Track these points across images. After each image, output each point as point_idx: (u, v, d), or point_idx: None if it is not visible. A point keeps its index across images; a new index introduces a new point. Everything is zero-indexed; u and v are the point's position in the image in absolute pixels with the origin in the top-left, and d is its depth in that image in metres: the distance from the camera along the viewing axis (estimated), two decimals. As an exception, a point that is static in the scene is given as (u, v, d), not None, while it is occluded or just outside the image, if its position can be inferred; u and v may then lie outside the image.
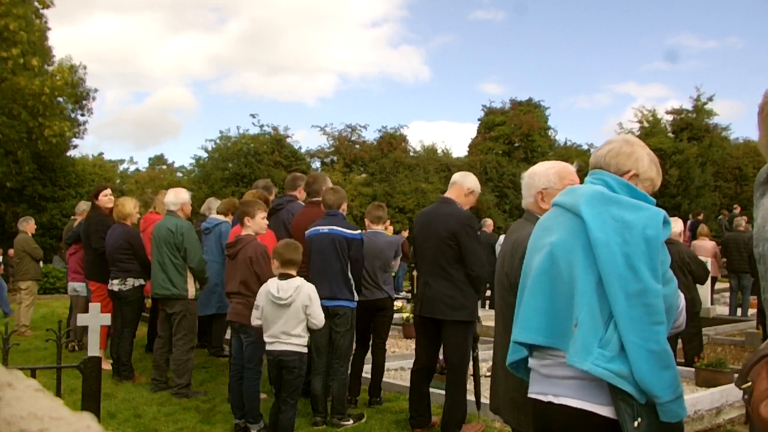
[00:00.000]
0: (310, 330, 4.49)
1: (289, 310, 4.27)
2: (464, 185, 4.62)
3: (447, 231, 4.46)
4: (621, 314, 1.81)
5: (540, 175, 2.76)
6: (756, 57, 53.52)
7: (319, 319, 4.35)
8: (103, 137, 72.90)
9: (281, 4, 68.49)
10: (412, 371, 4.88)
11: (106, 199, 7.25)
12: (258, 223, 5.00)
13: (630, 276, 1.83)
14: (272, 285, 4.33)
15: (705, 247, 10.56)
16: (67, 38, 62.87)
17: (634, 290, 1.82)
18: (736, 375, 6.20)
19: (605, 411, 1.86)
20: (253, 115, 38.93)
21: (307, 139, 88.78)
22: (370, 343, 5.72)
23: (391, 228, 16.42)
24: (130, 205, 6.73)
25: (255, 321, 4.44)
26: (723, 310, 12.02)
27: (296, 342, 4.32)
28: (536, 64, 59.04)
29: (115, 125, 70.89)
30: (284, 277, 4.33)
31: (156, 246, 6.00)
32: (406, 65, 66.44)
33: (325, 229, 5.04)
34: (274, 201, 6.42)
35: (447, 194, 4.67)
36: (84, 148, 33.14)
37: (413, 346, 5.45)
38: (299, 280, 4.29)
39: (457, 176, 4.74)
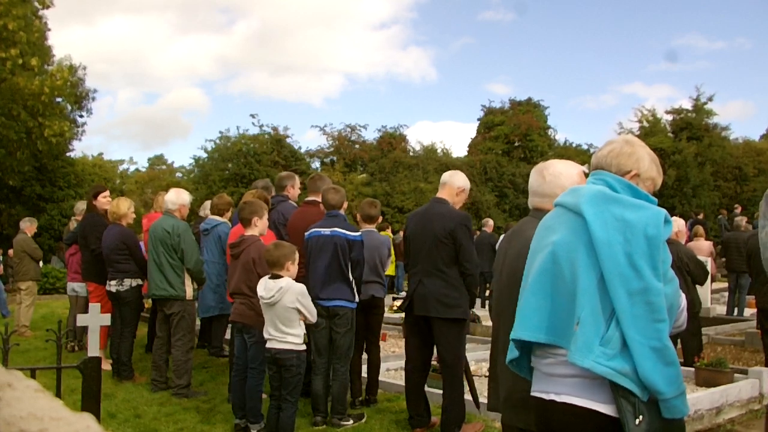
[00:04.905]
0: (308, 328, 4.51)
1: (276, 310, 4.32)
2: (454, 184, 4.66)
3: (444, 230, 4.47)
4: (623, 312, 1.83)
5: (566, 175, 2.77)
6: (764, 57, 53.74)
7: (312, 314, 4.42)
8: (113, 137, 73.32)
9: (290, 5, 68.83)
10: (406, 371, 4.88)
11: (104, 200, 7.23)
12: (265, 223, 5.12)
13: (632, 274, 1.85)
14: (261, 284, 4.41)
15: (701, 248, 10.56)
16: (79, 39, 63.25)
17: (636, 288, 1.84)
18: (736, 375, 6.17)
19: (607, 409, 1.87)
20: (252, 115, 38.99)
21: (312, 139, 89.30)
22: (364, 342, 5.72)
23: (389, 229, 16.42)
24: (124, 206, 6.71)
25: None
26: (723, 309, 12.02)
27: (290, 340, 4.34)
28: (543, 65, 59.41)
29: (125, 125, 71.27)
30: (273, 277, 4.37)
31: (152, 246, 5.98)
32: (413, 66, 66.87)
33: (327, 231, 5.03)
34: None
35: (439, 195, 4.69)
36: (90, 148, 33.25)
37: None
38: (284, 281, 4.31)
39: (446, 177, 4.76)
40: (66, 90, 18.83)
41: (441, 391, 4.74)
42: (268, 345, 4.40)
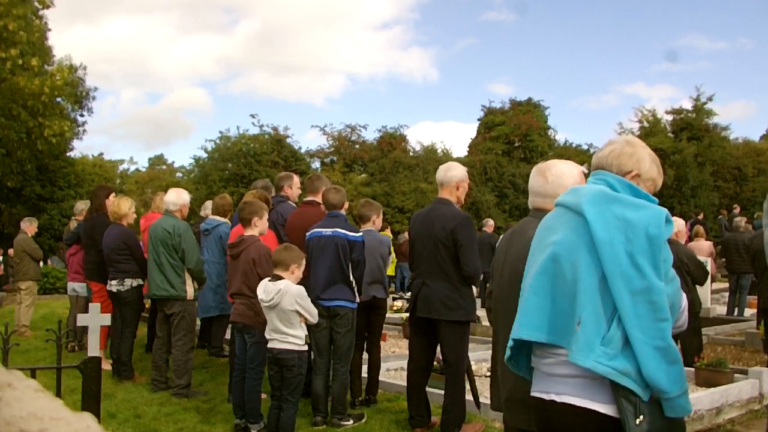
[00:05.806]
0: (309, 328, 4.51)
1: (276, 312, 4.32)
2: (452, 180, 4.61)
3: (445, 231, 4.46)
4: (626, 312, 1.83)
5: (568, 175, 2.78)
6: (765, 57, 53.84)
7: (312, 315, 4.41)
8: (116, 137, 73.50)
9: (292, 5, 68.97)
10: (408, 371, 4.87)
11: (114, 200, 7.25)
12: (265, 223, 5.12)
13: (634, 274, 1.85)
14: (261, 287, 4.41)
15: (702, 248, 10.56)
16: (82, 39, 63.41)
17: (638, 288, 1.84)
18: (736, 375, 6.16)
19: (607, 409, 1.87)
20: (252, 115, 38.98)
21: (313, 139, 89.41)
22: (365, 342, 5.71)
23: (389, 229, 16.43)
24: (125, 206, 6.71)
25: None
26: (723, 310, 12.02)
27: (292, 341, 4.34)
28: (544, 65, 59.52)
29: (128, 125, 71.44)
30: (273, 279, 4.37)
31: (153, 247, 5.98)
32: (415, 66, 67.07)
33: (328, 231, 5.02)
34: None
35: (441, 195, 4.66)
36: (93, 147, 33.38)
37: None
38: (283, 283, 4.31)
39: (440, 176, 4.68)
40: (66, 90, 18.84)
41: (441, 391, 4.74)
42: (270, 345, 4.41)
